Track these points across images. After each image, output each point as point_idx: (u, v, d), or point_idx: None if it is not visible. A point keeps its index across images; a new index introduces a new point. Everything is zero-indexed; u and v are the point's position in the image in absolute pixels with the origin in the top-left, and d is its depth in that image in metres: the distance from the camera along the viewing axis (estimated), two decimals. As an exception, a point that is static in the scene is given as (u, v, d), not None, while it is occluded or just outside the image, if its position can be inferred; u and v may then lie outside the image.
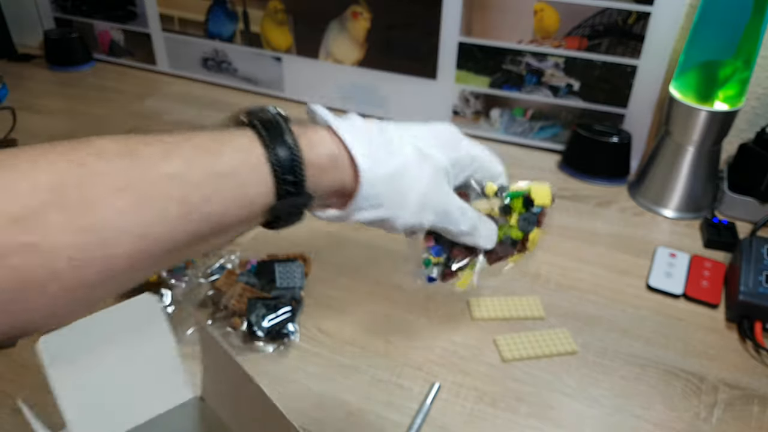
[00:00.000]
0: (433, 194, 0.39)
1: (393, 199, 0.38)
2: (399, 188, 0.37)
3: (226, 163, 0.32)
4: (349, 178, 0.36)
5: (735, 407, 0.54)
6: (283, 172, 0.33)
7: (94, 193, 0.28)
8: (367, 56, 0.99)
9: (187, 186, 0.30)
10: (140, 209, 0.29)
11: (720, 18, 0.71)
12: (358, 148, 0.35)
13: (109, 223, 0.28)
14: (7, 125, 0.97)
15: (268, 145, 0.33)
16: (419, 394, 0.55)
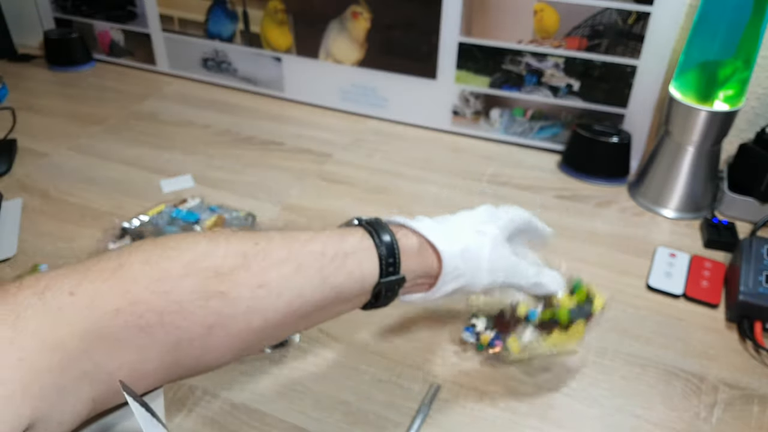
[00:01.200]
0: (497, 257, 0.48)
1: (469, 269, 0.47)
2: (471, 258, 0.47)
3: (349, 247, 0.43)
4: (432, 260, 0.46)
5: (735, 407, 0.54)
6: (387, 256, 0.44)
7: (269, 259, 0.39)
8: (367, 56, 0.99)
9: (324, 260, 0.41)
10: (296, 275, 0.40)
11: (720, 18, 0.71)
12: (434, 236, 0.46)
13: (276, 283, 0.39)
14: (7, 125, 0.97)
15: (375, 237, 0.44)
16: (419, 394, 0.55)
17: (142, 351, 0.34)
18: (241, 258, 0.38)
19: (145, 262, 0.35)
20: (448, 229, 0.48)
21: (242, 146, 0.95)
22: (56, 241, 0.73)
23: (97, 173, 0.87)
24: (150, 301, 0.34)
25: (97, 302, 0.33)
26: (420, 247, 0.46)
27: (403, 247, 0.45)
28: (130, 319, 0.34)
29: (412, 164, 0.91)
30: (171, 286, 0.35)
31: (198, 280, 0.36)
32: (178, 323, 0.35)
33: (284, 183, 0.86)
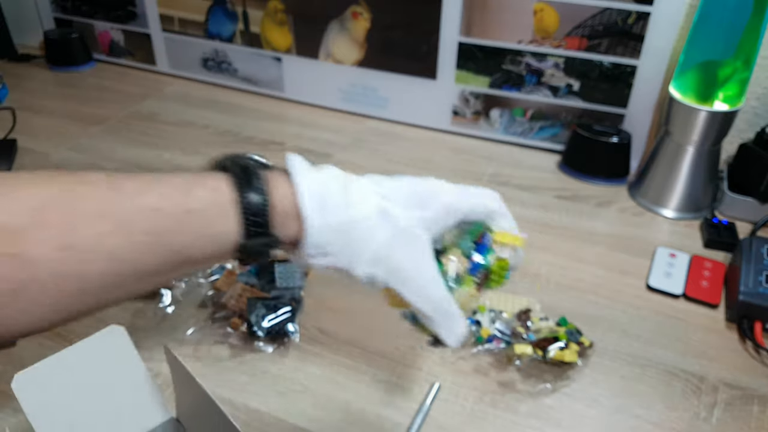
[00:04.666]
0: (389, 253, 0.38)
1: (343, 251, 0.38)
2: (349, 241, 0.38)
3: (196, 201, 0.35)
4: (296, 226, 0.38)
5: (735, 407, 0.54)
6: (252, 215, 0.36)
7: (75, 216, 0.32)
8: (367, 56, 0.99)
9: (158, 218, 0.33)
10: (115, 235, 0.32)
11: (720, 18, 0.71)
12: (308, 201, 0.37)
13: (88, 244, 0.32)
14: (7, 125, 0.97)
15: (241, 190, 0.36)
16: (419, 394, 0.55)
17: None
18: (39, 212, 0.31)
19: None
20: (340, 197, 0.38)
21: (242, 146, 0.95)
22: (56, 241, 0.73)
23: (97, 173, 0.87)
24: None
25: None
26: (290, 209, 0.38)
27: (275, 204, 0.37)
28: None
29: (412, 164, 0.91)
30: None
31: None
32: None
33: (284, 183, 0.85)
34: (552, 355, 0.55)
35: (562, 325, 0.59)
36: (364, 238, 0.38)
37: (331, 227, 0.37)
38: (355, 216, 0.38)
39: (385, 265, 0.39)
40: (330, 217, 0.37)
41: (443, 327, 0.41)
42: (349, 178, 0.40)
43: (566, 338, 0.56)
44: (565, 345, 0.56)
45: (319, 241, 0.38)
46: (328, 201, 0.38)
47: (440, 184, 0.43)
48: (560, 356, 0.55)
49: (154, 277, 0.36)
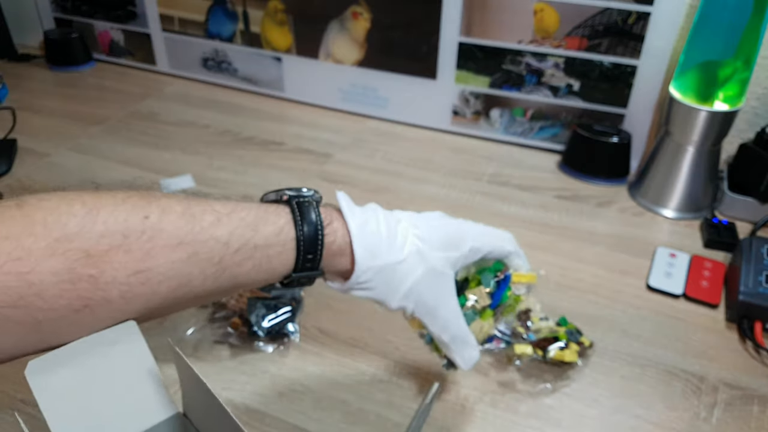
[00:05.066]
0: (421, 290, 0.44)
1: (382, 287, 0.43)
2: (389, 279, 0.43)
3: (262, 239, 0.38)
4: (348, 263, 0.42)
5: (735, 407, 0.54)
6: (306, 252, 0.40)
7: (153, 244, 0.34)
8: (367, 56, 0.99)
9: (227, 251, 0.37)
10: (187, 263, 0.35)
11: (720, 18, 0.71)
12: (359, 243, 0.42)
13: (161, 271, 0.34)
14: (7, 125, 0.97)
15: (299, 226, 0.40)
16: (419, 394, 0.55)
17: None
18: (120, 237, 0.33)
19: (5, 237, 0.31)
20: (386, 240, 0.43)
21: (242, 146, 0.95)
22: (56, 241, 0.73)
23: (97, 173, 0.87)
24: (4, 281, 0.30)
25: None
26: (344, 249, 0.42)
27: (328, 244, 0.41)
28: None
29: (412, 164, 0.91)
30: (31, 266, 0.31)
31: (64, 261, 0.32)
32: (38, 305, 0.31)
33: (285, 183, 0.85)
34: (552, 355, 0.55)
35: (562, 325, 0.59)
36: (402, 279, 0.43)
37: (376, 268, 0.42)
38: (397, 259, 0.43)
39: (415, 299, 0.44)
40: (377, 261, 0.42)
41: (458, 354, 0.47)
42: (393, 219, 0.44)
43: (566, 338, 0.56)
44: (565, 345, 0.56)
45: (364, 279, 0.42)
46: (376, 245, 0.42)
47: (468, 227, 0.48)
48: (560, 356, 0.55)
49: (207, 298, 0.39)
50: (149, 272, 0.34)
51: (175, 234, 0.35)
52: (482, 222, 0.58)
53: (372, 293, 0.44)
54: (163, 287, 0.35)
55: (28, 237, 0.31)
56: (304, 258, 0.40)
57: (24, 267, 0.31)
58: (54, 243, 0.32)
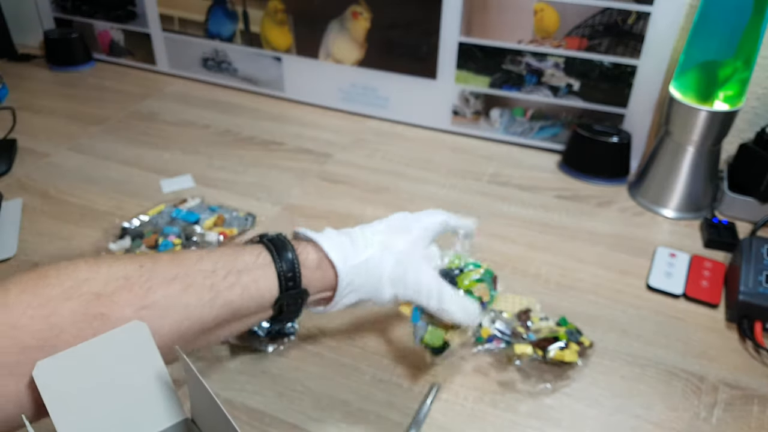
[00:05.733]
0: (401, 272, 0.49)
1: (366, 283, 0.49)
2: (369, 274, 0.49)
3: (243, 264, 0.44)
4: (330, 274, 0.48)
5: (735, 407, 0.54)
6: (285, 272, 0.45)
7: (154, 279, 0.40)
8: (367, 56, 0.99)
9: (216, 278, 0.42)
10: (185, 293, 0.40)
11: (720, 18, 0.71)
12: (333, 253, 0.47)
13: (163, 303, 0.39)
14: (7, 125, 0.97)
15: (274, 254, 0.45)
16: (419, 394, 0.55)
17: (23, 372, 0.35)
18: (122, 280, 0.38)
19: (22, 291, 0.36)
20: (349, 244, 0.49)
21: (242, 146, 0.95)
22: (56, 241, 0.73)
23: (97, 173, 0.87)
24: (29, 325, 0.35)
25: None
26: (319, 262, 0.47)
27: (303, 262, 0.46)
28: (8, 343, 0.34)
29: (412, 164, 0.91)
30: (51, 310, 0.36)
31: (78, 303, 0.36)
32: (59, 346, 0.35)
33: (285, 183, 0.86)
34: (552, 355, 0.55)
35: (562, 325, 0.59)
36: (378, 268, 0.49)
37: (354, 267, 0.48)
38: (367, 255, 0.49)
39: (398, 281, 0.49)
40: (350, 261, 0.48)
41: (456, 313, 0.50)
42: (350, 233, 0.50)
43: (566, 338, 0.56)
44: (565, 345, 0.56)
45: (348, 280, 0.48)
46: (346, 251, 0.48)
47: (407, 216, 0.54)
48: (560, 356, 0.55)
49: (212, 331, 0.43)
50: (153, 306, 0.39)
51: (168, 271, 0.41)
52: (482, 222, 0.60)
53: (360, 293, 0.49)
54: (167, 320, 0.39)
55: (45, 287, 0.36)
56: (285, 277, 0.45)
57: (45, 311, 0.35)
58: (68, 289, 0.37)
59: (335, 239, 0.49)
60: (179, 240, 0.69)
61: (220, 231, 0.72)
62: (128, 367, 0.36)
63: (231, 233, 0.73)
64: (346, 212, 0.79)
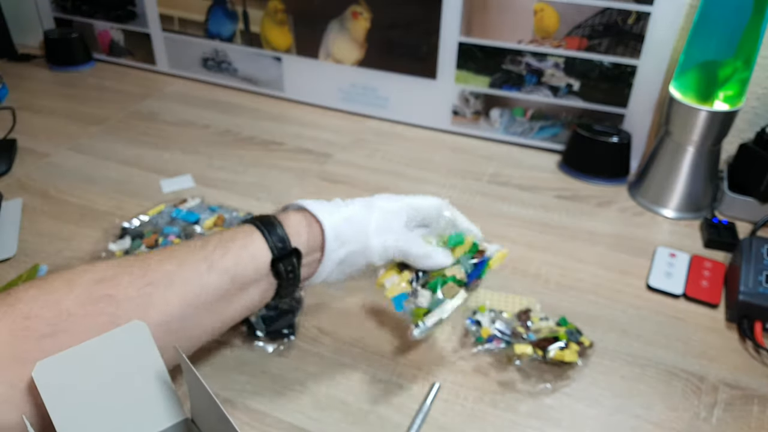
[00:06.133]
0: (385, 225, 0.52)
1: (354, 234, 0.51)
2: (356, 225, 0.51)
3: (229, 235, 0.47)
4: (317, 230, 0.50)
5: (735, 407, 0.54)
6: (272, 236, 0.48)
7: (149, 262, 0.43)
8: (367, 56, 0.99)
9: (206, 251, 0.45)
10: (181, 268, 0.44)
11: (720, 18, 0.71)
12: (316, 208, 0.50)
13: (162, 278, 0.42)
14: (7, 125, 0.97)
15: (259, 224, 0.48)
16: (419, 394, 0.55)
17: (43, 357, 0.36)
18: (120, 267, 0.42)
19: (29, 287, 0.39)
20: (335, 204, 0.52)
21: (242, 146, 0.95)
22: (56, 241, 0.73)
23: (97, 173, 0.87)
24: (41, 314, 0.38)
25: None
26: (306, 222, 0.50)
27: (289, 224, 0.49)
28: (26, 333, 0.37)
29: (412, 164, 0.91)
30: (59, 297, 0.39)
31: (83, 289, 0.40)
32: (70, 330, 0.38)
33: (284, 183, 0.86)
34: (552, 355, 0.55)
35: (562, 325, 0.59)
36: (364, 220, 0.51)
37: (339, 220, 0.50)
38: (350, 210, 0.51)
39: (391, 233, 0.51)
40: (335, 216, 0.50)
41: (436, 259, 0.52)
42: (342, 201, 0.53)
43: (566, 338, 0.56)
44: (565, 345, 0.56)
45: (335, 233, 0.50)
46: (329, 207, 0.51)
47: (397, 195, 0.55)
48: (560, 356, 0.55)
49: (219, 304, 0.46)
50: (154, 283, 0.42)
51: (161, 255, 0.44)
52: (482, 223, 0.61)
53: (349, 247, 0.51)
54: (171, 292, 0.42)
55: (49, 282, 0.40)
56: (274, 241, 0.47)
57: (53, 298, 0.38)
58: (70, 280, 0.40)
59: (319, 202, 0.51)
60: (179, 240, 0.69)
61: (220, 231, 0.72)
62: (128, 367, 0.36)
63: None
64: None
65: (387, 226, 0.51)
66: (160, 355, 0.38)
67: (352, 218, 0.51)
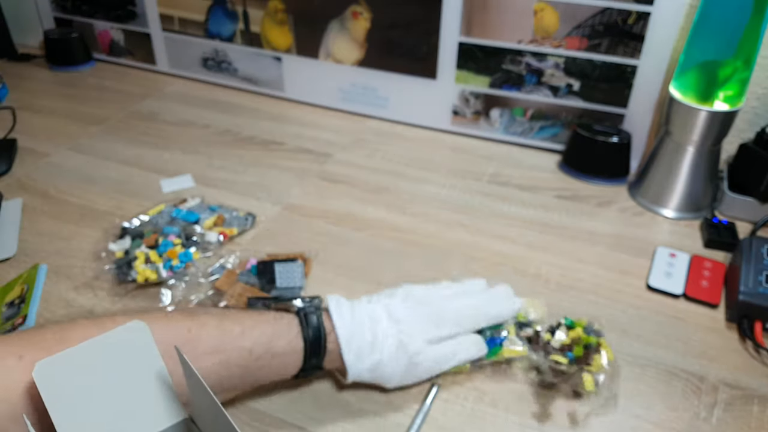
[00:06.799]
0: (411, 374, 0.52)
1: (377, 379, 0.52)
2: (380, 375, 0.51)
3: (279, 349, 0.48)
4: (341, 364, 0.51)
5: (735, 407, 0.54)
6: (311, 357, 0.49)
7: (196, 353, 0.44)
8: (367, 56, 0.99)
9: (251, 358, 0.46)
10: (221, 368, 0.45)
11: (720, 18, 0.71)
12: (346, 349, 0.50)
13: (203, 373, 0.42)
14: (7, 125, 0.97)
15: (306, 341, 0.49)
16: (419, 394, 0.55)
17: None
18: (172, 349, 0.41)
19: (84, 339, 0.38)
20: (367, 341, 0.50)
21: (242, 146, 0.95)
22: (56, 241, 0.73)
23: (97, 173, 0.87)
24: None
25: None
26: (339, 352, 0.50)
27: (328, 351, 0.50)
28: None
29: (412, 164, 0.91)
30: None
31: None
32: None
33: (284, 183, 0.86)
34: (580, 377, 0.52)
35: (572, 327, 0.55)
36: (391, 373, 0.51)
37: (365, 369, 0.50)
38: (380, 359, 0.50)
39: (414, 378, 0.53)
40: (365, 363, 0.50)
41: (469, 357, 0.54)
42: (374, 318, 0.51)
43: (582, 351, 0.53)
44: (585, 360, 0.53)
45: (357, 377, 0.51)
46: (362, 350, 0.50)
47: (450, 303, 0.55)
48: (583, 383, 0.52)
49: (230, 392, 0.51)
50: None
51: (211, 343, 0.45)
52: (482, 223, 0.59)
53: (370, 381, 0.53)
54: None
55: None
56: (310, 362, 0.49)
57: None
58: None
59: (355, 332, 0.50)
60: (179, 240, 0.69)
61: (220, 231, 0.72)
62: (128, 367, 0.36)
63: (231, 233, 0.73)
64: (345, 212, 0.79)
65: (410, 373, 0.53)
66: (160, 355, 0.38)
67: (376, 368, 0.51)
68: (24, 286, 0.65)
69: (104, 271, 0.67)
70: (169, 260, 0.66)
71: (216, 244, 0.71)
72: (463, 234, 0.76)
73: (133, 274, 0.65)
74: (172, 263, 0.66)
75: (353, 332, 0.50)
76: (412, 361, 0.51)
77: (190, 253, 0.68)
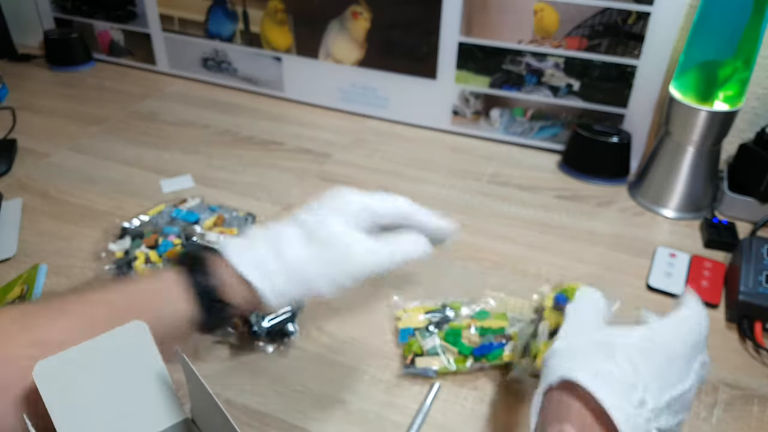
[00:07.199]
0: (344, 271, 0.44)
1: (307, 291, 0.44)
2: (303, 279, 0.44)
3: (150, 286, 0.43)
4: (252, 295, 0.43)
5: (735, 407, 0.54)
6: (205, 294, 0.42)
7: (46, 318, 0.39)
8: (367, 56, 0.99)
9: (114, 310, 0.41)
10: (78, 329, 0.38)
11: (720, 18, 0.71)
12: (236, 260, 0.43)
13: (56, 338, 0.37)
14: (7, 125, 0.97)
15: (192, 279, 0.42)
16: (419, 394, 0.55)
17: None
18: (14, 319, 0.38)
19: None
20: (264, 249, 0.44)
21: (242, 146, 0.95)
22: (56, 241, 0.73)
23: (97, 173, 0.87)
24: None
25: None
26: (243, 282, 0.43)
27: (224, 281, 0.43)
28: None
29: (412, 164, 0.91)
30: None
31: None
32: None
33: (284, 183, 0.86)
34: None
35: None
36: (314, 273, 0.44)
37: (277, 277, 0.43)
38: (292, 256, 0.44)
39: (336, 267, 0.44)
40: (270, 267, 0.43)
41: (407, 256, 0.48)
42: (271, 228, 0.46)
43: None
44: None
45: (274, 292, 0.43)
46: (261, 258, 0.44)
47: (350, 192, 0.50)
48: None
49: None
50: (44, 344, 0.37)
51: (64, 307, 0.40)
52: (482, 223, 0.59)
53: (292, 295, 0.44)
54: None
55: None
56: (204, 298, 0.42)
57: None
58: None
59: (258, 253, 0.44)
60: (179, 240, 0.69)
61: (220, 231, 0.72)
62: (128, 367, 0.36)
63: (231, 233, 0.73)
64: (346, 212, 0.79)
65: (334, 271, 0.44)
66: (160, 355, 0.37)
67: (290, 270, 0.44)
68: (24, 286, 0.65)
69: (104, 271, 0.67)
70: (169, 260, 0.66)
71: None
72: (463, 234, 0.75)
73: (133, 275, 0.65)
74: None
75: (240, 245, 0.44)
76: (338, 250, 0.44)
77: (190, 253, 0.68)
